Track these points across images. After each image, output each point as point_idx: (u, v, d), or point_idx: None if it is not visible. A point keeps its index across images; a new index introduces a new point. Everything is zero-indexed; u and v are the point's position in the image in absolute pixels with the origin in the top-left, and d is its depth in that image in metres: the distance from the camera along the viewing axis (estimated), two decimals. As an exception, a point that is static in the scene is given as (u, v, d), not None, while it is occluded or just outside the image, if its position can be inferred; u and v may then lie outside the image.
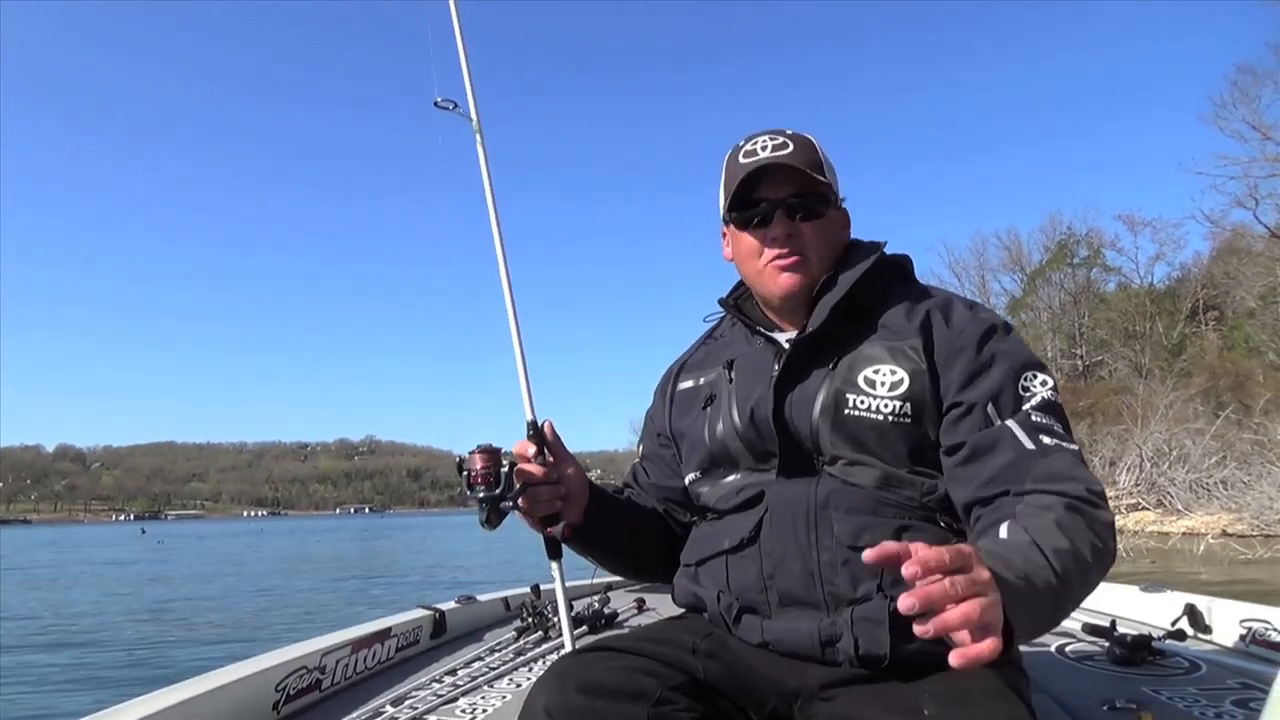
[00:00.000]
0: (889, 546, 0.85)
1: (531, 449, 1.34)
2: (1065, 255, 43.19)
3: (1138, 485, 22.17)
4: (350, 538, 49.52)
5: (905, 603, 0.82)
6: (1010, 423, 1.23)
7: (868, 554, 0.86)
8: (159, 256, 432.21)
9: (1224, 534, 17.45)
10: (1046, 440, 1.21)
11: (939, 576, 0.84)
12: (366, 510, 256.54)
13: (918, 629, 0.83)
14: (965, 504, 1.24)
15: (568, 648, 1.64)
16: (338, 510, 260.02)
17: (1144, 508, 21.72)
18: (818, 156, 1.38)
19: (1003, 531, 1.10)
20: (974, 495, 1.22)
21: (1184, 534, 18.66)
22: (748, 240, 1.40)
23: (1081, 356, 40.38)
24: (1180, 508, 20.75)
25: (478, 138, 2.07)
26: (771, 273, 1.38)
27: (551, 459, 1.36)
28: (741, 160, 1.38)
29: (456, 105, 2.05)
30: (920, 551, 0.84)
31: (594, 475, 1.52)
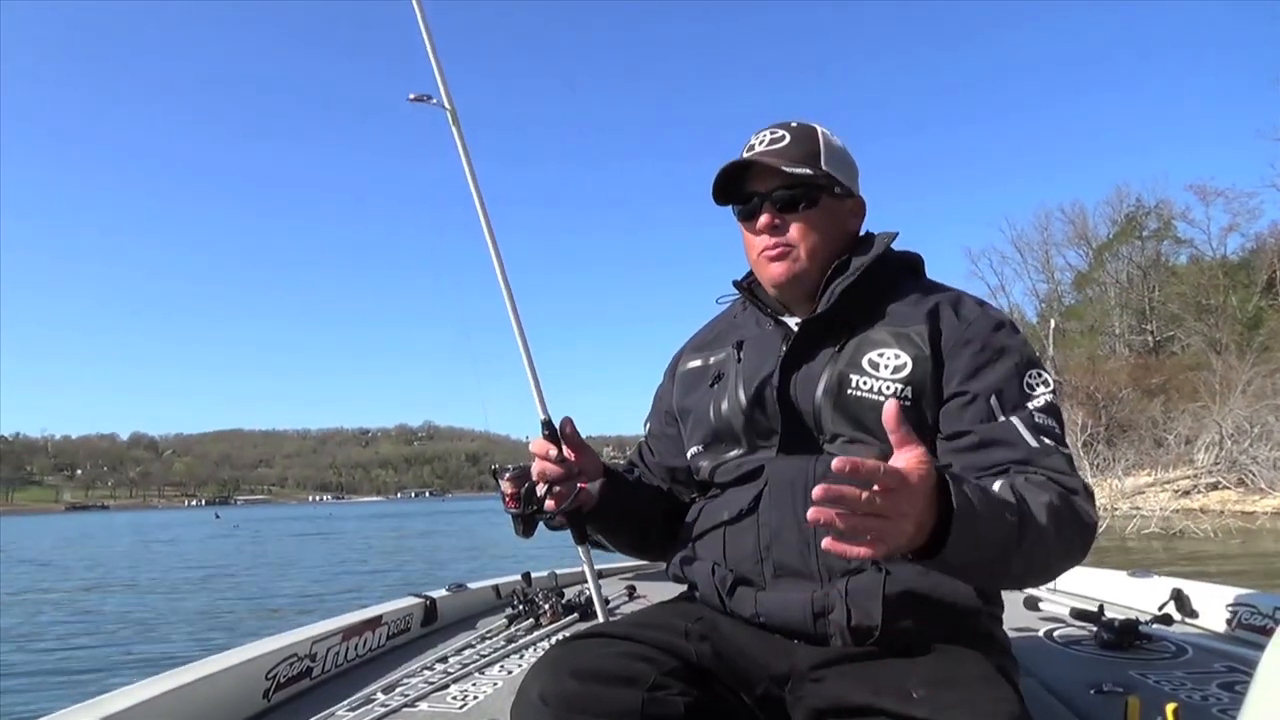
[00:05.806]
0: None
1: (550, 450, 1.41)
2: (1134, 228, 41.71)
3: (1217, 464, 21.43)
4: (416, 520, 50.39)
5: (813, 513, 0.86)
6: (1014, 419, 1.25)
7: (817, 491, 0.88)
8: (231, 255, 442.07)
9: (1314, 513, 16.86)
10: (1047, 441, 1.24)
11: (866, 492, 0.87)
12: (427, 494, 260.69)
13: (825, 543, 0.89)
14: None
15: (601, 617, 1.67)
16: (399, 494, 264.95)
17: (1225, 486, 21.01)
18: (816, 148, 1.41)
19: (995, 485, 1.13)
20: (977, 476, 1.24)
21: (1272, 513, 18.06)
22: (745, 233, 1.46)
23: (1152, 332, 39.00)
24: (1264, 486, 20.03)
25: (453, 128, 2.07)
26: (762, 263, 1.43)
27: (569, 454, 1.42)
28: (744, 155, 1.43)
29: (430, 97, 2.05)
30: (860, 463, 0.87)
31: (606, 452, 1.60)
